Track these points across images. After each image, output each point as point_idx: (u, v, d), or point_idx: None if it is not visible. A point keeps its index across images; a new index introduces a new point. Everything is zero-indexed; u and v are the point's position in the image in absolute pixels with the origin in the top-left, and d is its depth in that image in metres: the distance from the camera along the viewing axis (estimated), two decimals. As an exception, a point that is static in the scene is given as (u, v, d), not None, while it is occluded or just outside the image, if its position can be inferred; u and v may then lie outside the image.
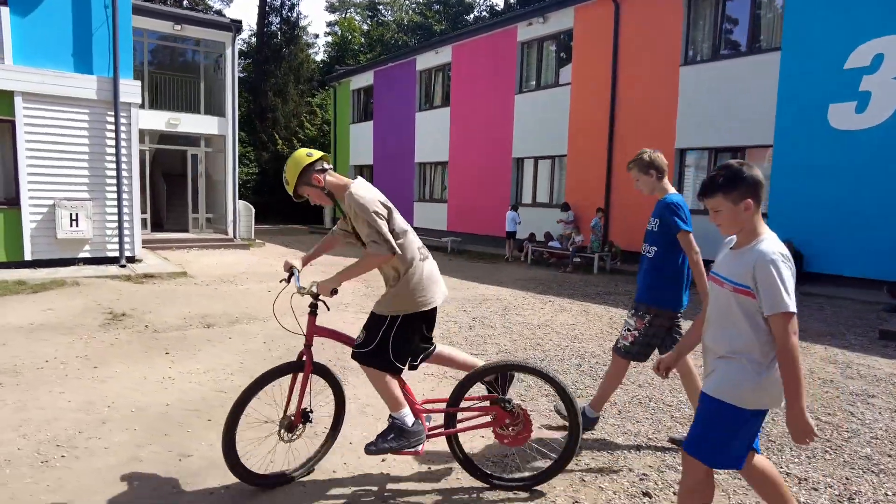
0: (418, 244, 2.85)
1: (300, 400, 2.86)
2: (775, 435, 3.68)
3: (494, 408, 2.96)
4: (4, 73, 8.95)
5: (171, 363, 4.93)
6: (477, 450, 3.37)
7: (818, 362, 5.38)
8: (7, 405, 3.88)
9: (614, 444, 3.52)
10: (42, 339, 5.49)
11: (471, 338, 6.06)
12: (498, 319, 6.96)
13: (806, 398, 2.02)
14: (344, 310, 7.28)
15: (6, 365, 4.72)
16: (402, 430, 2.76)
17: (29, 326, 5.99)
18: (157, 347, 5.38)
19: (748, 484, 2.22)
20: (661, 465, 3.25)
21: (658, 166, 3.48)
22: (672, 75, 12.30)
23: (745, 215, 2.06)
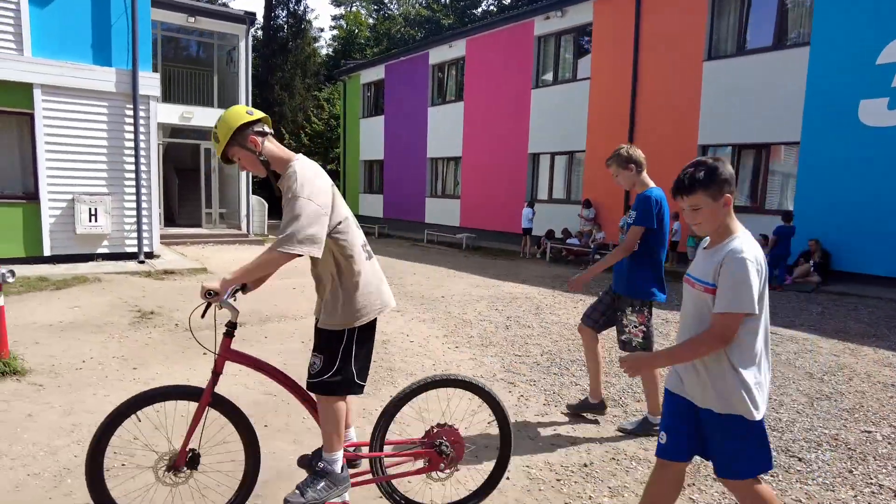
0: (362, 240, 2.44)
1: (187, 437, 2.39)
2: (854, 443, 3.55)
3: (429, 452, 2.59)
4: (24, 65, 8.78)
5: (211, 364, 4.80)
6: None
7: (873, 365, 5.25)
8: (54, 408, 3.75)
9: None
10: (75, 338, 5.36)
11: (510, 338, 5.93)
12: (533, 319, 6.83)
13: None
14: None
15: (44, 365, 4.59)
16: (333, 476, 2.36)
17: (58, 324, 5.86)
18: (193, 347, 5.24)
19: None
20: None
21: (637, 160, 3.52)
22: (695, 70, 12.12)
23: (724, 211, 1.99)
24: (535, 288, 9.14)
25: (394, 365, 4.93)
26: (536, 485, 2.96)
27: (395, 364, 4.95)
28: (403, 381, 4.49)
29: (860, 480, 3.08)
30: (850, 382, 4.75)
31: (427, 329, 6.20)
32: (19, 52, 8.83)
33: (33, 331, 5.57)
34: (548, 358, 5.25)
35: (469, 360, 5.10)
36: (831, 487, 2.98)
